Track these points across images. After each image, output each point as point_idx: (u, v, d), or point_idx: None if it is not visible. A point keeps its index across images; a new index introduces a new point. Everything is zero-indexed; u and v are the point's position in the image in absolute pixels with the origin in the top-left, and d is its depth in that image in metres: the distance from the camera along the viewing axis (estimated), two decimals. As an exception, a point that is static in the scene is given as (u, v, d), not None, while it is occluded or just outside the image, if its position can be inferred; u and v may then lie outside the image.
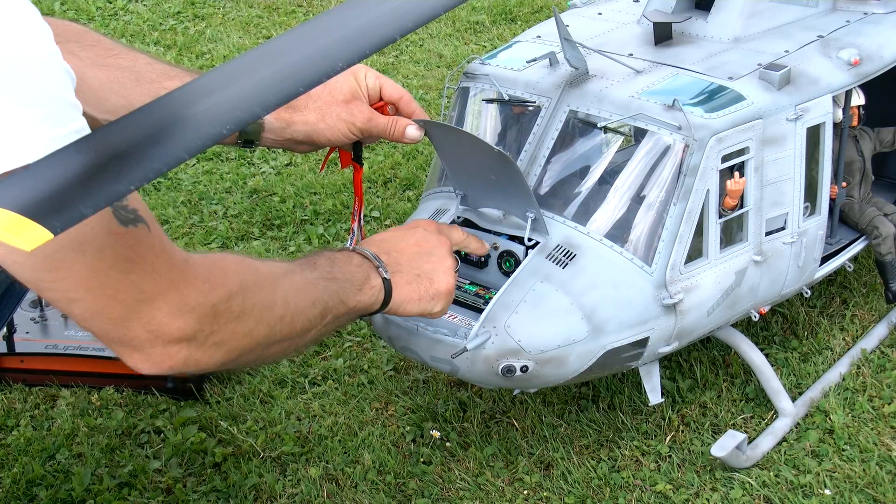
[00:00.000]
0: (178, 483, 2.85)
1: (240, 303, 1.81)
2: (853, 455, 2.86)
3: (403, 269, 2.28)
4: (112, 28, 5.64)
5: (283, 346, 2.00)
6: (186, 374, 3.10)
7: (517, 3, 5.67)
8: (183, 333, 1.72)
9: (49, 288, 1.64)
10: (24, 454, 2.95)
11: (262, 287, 1.89)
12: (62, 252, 1.59)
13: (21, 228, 1.28)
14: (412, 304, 2.28)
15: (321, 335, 2.12)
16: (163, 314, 1.69)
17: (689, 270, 2.66)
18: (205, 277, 1.76)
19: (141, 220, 1.67)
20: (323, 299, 2.05)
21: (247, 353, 1.88)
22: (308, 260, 2.12)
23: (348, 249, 2.24)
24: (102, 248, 1.62)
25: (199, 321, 1.74)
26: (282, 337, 1.95)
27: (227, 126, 1.48)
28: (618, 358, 2.64)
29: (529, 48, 2.97)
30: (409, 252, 2.32)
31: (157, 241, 1.69)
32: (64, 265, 1.60)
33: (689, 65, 2.81)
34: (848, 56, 2.91)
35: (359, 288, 2.16)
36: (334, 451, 2.93)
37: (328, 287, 2.08)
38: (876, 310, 3.37)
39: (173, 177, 4.25)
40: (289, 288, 1.98)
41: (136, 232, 1.65)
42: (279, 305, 1.93)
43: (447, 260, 2.35)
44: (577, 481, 2.81)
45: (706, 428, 2.96)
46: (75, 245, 1.59)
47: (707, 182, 2.63)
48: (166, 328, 1.70)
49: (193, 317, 1.73)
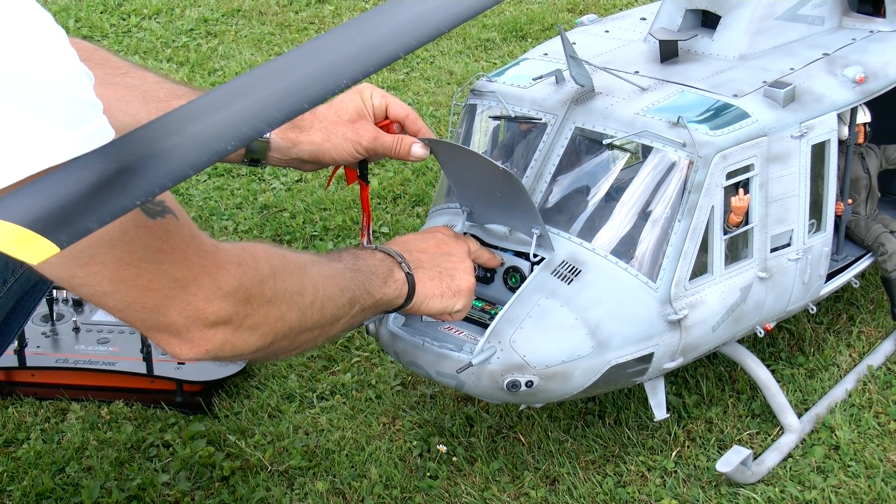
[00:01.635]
0: (186, 496, 2.86)
1: (271, 286, 1.84)
2: (859, 471, 2.85)
3: (426, 266, 2.32)
4: (125, 45, 5.67)
5: (314, 335, 2.02)
6: (199, 387, 3.11)
7: (527, 21, 5.69)
8: (219, 317, 1.75)
9: (81, 284, 1.66)
10: (34, 467, 2.96)
11: (291, 272, 1.92)
12: (93, 248, 1.61)
13: (27, 242, 1.29)
14: (435, 300, 2.32)
15: (349, 326, 2.16)
16: (198, 299, 1.72)
17: (693, 286, 2.66)
18: (236, 262, 1.79)
19: (168, 210, 1.69)
20: (350, 288, 2.09)
21: (280, 338, 1.90)
22: (332, 254, 2.17)
23: (371, 248, 2.26)
24: (132, 241, 1.64)
25: (234, 304, 1.77)
26: (313, 324, 1.98)
27: (232, 142, 1.49)
28: (623, 373, 2.65)
29: (536, 66, 2.98)
30: (430, 251, 2.35)
31: (186, 229, 1.72)
32: (95, 261, 1.62)
33: (695, 82, 2.82)
34: (853, 74, 2.91)
35: (384, 281, 2.19)
36: (341, 465, 2.94)
37: (355, 277, 2.12)
38: (882, 326, 3.37)
39: (184, 192, 4.27)
40: (317, 275, 2.01)
41: (164, 223, 1.68)
42: (309, 291, 1.96)
43: (466, 261, 2.39)
44: (582, 496, 2.81)
45: (712, 443, 2.96)
46: (105, 240, 1.61)
47: (712, 199, 2.63)
48: (203, 312, 1.73)
49: (228, 300, 1.76)
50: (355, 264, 2.15)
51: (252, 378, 3.26)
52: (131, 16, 6.00)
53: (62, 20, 5.93)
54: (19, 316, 2.36)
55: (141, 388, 3.17)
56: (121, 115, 2.19)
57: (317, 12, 6.01)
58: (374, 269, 2.19)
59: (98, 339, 3.29)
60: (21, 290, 2.30)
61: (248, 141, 1.53)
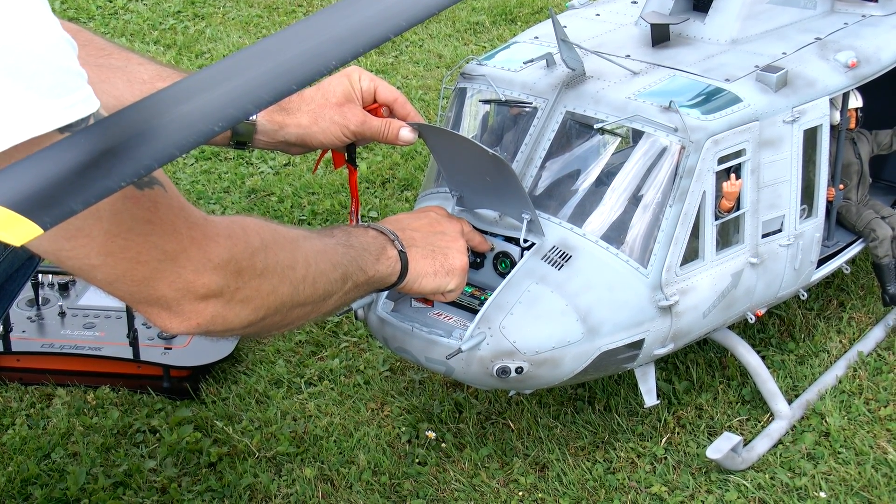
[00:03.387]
0: (173, 483, 2.84)
1: (262, 259, 1.82)
2: (849, 458, 2.85)
3: (418, 244, 2.31)
4: (112, 27, 5.64)
5: (306, 310, 2.00)
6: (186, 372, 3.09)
7: (517, 4, 5.67)
8: (209, 290, 1.73)
9: (69, 257, 1.63)
10: (20, 453, 2.95)
11: (283, 246, 1.90)
12: (79, 220, 1.57)
13: (11, 224, 1.28)
14: (428, 279, 2.31)
15: (342, 303, 2.14)
16: (188, 271, 1.70)
17: (684, 272, 2.65)
18: (226, 234, 1.77)
19: (156, 181, 1.66)
20: (343, 264, 2.07)
21: (272, 313, 1.88)
22: (324, 230, 2.14)
23: (363, 225, 2.25)
24: (119, 212, 1.61)
25: (225, 277, 1.75)
26: (305, 299, 1.95)
27: (219, 123, 1.47)
28: (613, 359, 2.64)
29: (527, 49, 2.96)
30: (423, 230, 2.34)
31: (174, 200, 1.69)
32: (82, 233, 1.60)
33: (686, 66, 2.81)
34: (845, 58, 2.90)
35: (376, 258, 2.18)
36: (329, 451, 2.93)
37: (347, 253, 2.10)
38: (873, 312, 3.37)
39: (171, 176, 4.25)
40: (309, 249, 1.98)
41: (152, 194, 1.65)
42: (301, 265, 1.93)
43: (460, 240, 2.39)
44: (572, 483, 2.80)
45: (702, 430, 2.95)
46: (92, 212, 1.57)
47: (703, 184, 2.62)
48: (193, 284, 1.71)
49: (219, 273, 1.73)
50: (347, 240, 2.13)
51: (239, 363, 3.25)
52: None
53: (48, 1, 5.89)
54: (3, 300, 2.34)
55: (127, 373, 3.15)
56: (104, 96, 2.16)
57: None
58: (366, 246, 2.17)
59: (84, 324, 3.27)
60: (4, 274, 2.28)
61: (235, 122, 1.51)
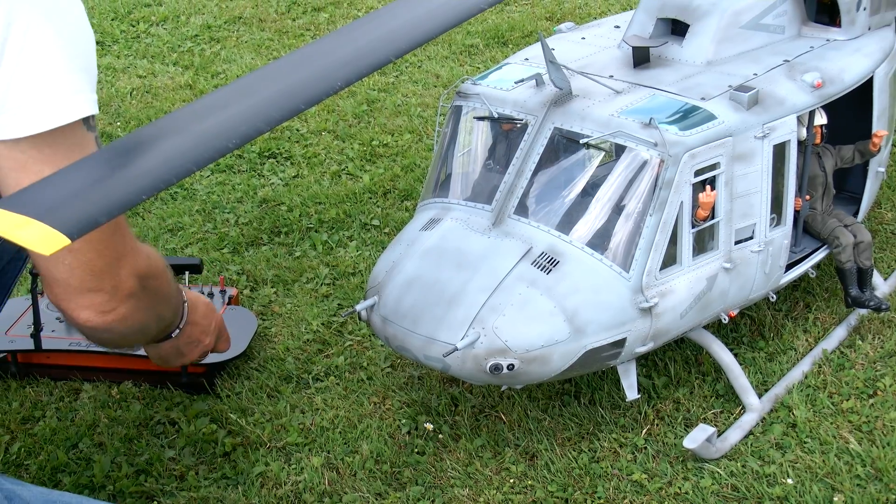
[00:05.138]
0: (190, 470, 2.83)
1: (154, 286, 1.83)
2: (814, 447, 2.84)
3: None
4: (134, 50, 5.62)
5: (150, 334, 1.99)
6: (203, 368, 3.07)
7: (509, 28, 5.66)
8: (131, 291, 1.74)
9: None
10: (50, 443, 2.93)
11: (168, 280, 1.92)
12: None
13: (44, 237, 1.28)
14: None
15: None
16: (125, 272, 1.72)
17: (663, 276, 2.64)
18: (146, 253, 1.80)
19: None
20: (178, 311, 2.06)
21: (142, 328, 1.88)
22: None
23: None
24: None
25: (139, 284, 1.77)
26: (157, 327, 1.97)
27: (232, 140, 1.46)
28: (597, 357, 2.63)
29: (518, 70, 2.95)
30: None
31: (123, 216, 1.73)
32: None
33: (665, 86, 2.80)
34: (811, 79, 2.90)
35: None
36: (335, 441, 2.91)
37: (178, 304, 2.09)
38: (836, 313, 3.36)
39: (189, 187, 4.23)
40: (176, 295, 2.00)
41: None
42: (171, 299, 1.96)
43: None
44: (559, 471, 2.79)
45: (679, 422, 2.94)
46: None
47: (681, 195, 2.61)
48: (125, 283, 1.72)
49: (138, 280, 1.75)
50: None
51: (252, 360, 3.24)
52: (140, 23, 5.95)
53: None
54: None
55: (148, 369, 3.14)
56: None
57: (312, 20, 5.97)
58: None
59: None
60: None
61: (248, 139, 1.50)
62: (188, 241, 3.88)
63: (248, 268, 3.69)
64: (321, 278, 3.62)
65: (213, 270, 3.67)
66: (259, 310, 3.47)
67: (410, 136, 4.56)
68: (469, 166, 2.88)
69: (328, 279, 3.63)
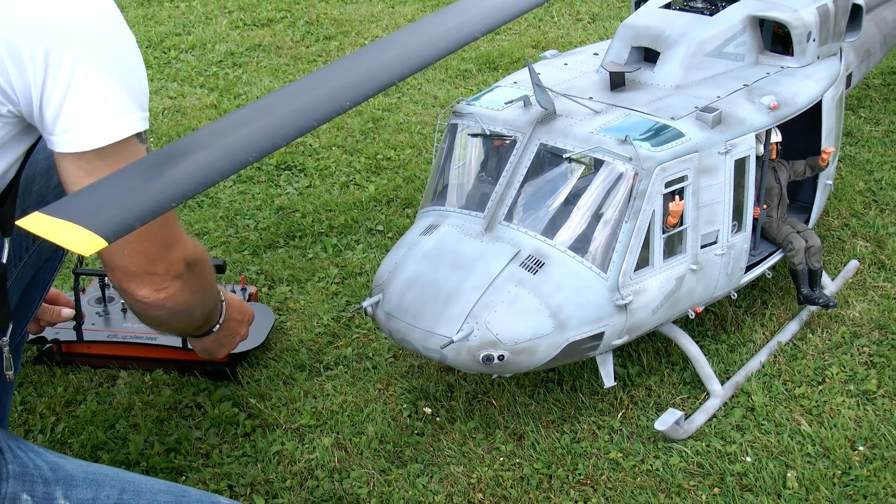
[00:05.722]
0: (214, 449, 2.80)
1: (198, 271, 1.86)
2: (770, 429, 2.82)
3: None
4: (166, 74, 5.59)
5: (194, 320, 2.01)
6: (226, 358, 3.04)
7: (499, 55, 5.63)
8: (179, 272, 1.78)
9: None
10: (90, 424, 2.90)
11: (211, 272, 1.96)
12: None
13: (84, 240, 1.29)
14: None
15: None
16: (175, 257, 1.77)
17: (637, 277, 2.62)
18: (192, 243, 1.84)
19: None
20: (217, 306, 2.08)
21: (189, 311, 1.91)
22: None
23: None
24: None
25: (187, 267, 1.80)
26: (202, 314, 2.00)
27: (252, 154, 1.45)
28: (578, 349, 2.61)
29: (508, 92, 2.93)
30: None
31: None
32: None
33: (639, 107, 2.78)
34: (768, 101, 2.89)
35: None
36: (344, 423, 2.89)
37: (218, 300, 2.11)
38: (790, 309, 3.34)
39: (214, 196, 4.20)
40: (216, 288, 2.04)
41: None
42: (213, 290, 2.00)
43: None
44: (544, 450, 2.76)
45: (651, 406, 2.92)
46: None
47: (653, 204, 2.59)
48: (175, 267, 1.77)
49: (185, 265, 1.79)
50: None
51: (269, 351, 3.21)
52: (171, 50, 5.92)
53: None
54: (38, 287, 2.27)
55: (177, 358, 3.11)
56: None
57: (324, 47, 5.95)
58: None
59: None
60: (36, 264, 2.22)
61: (266, 153, 1.49)
62: (213, 244, 3.85)
63: (266, 268, 3.66)
64: (331, 278, 3.60)
65: (234, 270, 3.64)
66: (276, 306, 3.44)
67: (411, 151, 4.54)
68: (464, 178, 2.86)
69: (337, 278, 3.60)
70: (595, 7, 6.41)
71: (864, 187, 4.06)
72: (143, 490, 1.77)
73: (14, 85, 1.57)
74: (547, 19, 6.21)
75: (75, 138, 1.60)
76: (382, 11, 6.45)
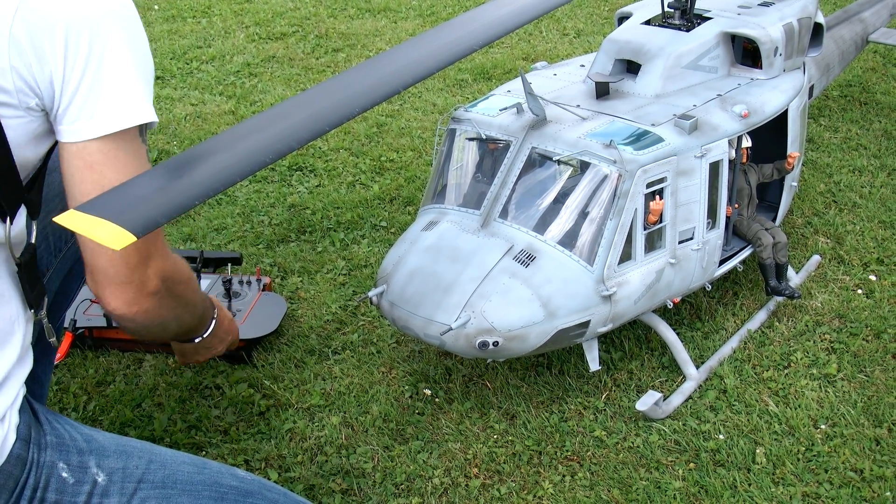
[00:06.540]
0: (232, 427, 2.77)
1: (177, 290, 1.72)
2: (740, 409, 2.80)
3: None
4: (188, 83, 5.55)
5: (168, 333, 1.86)
6: (243, 343, 3.01)
7: (492, 66, 5.61)
8: (155, 288, 1.64)
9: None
10: (119, 403, 2.87)
11: (194, 289, 1.81)
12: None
13: (115, 235, 1.29)
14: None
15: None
16: (152, 271, 1.63)
17: (621, 270, 2.60)
18: (174, 259, 1.69)
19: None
20: (201, 321, 1.96)
21: (163, 324, 1.75)
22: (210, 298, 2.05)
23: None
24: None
25: (163, 284, 1.66)
26: (177, 328, 1.84)
27: (269, 156, 1.44)
28: (566, 336, 2.58)
29: (502, 99, 2.91)
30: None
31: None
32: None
33: (622, 114, 2.76)
34: (739, 110, 2.87)
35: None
36: (350, 404, 2.86)
37: (205, 316, 1.98)
38: (758, 300, 3.32)
39: (231, 194, 4.17)
40: (201, 305, 1.89)
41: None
42: (196, 307, 1.84)
43: None
44: (534, 428, 2.74)
45: (632, 388, 2.89)
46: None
47: (635, 203, 2.57)
48: (151, 282, 1.63)
49: (161, 281, 1.65)
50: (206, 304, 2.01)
51: (282, 337, 3.18)
52: (193, 61, 5.88)
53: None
54: (75, 279, 2.20)
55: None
56: None
57: (332, 58, 5.91)
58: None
59: None
60: (73, 257, 2.17)
61: (282, 156, 1.47)
62: (230, 239, 3.82)
63: (279, 260, 3.63)
64: (339, 269, 3.57)
65: (250, 262, 3.62)
66: (288, 295, 3.41)
67: (412, 154, 4.51)
68: (461, 178, 2.83)
69: (345, 270, 3.57)
70: (580, 23, 6.39)
71: (824, 189, 4.05)
72: (168, 461, 1.74)
73: (37, 78, 1.52)
74: (536, 34, 6.18)
75: (98, 122, 1.53)
76: (386, 26, 6.41)
